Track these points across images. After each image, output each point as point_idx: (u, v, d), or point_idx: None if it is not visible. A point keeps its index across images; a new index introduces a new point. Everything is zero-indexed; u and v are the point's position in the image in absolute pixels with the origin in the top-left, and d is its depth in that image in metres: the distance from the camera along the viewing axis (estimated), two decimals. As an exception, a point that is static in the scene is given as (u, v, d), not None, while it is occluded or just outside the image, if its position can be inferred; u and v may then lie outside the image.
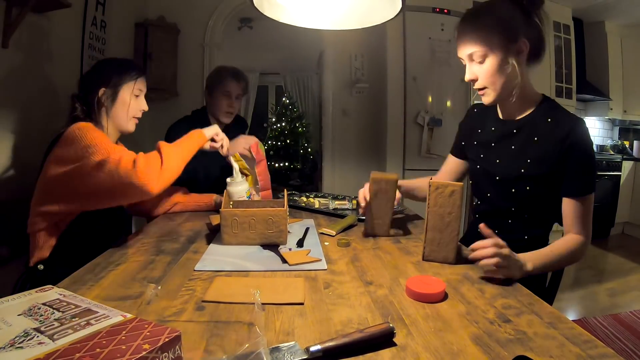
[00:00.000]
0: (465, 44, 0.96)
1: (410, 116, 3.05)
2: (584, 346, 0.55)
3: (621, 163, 3.81)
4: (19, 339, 0.42)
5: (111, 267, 0.83)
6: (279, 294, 0.70)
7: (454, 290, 0.74)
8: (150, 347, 0.41)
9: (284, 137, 5.68)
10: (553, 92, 3.67)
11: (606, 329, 1.99)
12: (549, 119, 0.97)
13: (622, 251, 3.46)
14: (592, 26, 4.02)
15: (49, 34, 1.76)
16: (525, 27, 0.92)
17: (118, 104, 1.10)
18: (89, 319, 0.47)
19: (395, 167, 3.11)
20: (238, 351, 0.49)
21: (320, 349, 0.50)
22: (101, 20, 2.19)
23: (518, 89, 0.97)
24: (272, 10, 0.94)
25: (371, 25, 0.98)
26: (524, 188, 0.99)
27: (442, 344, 0.55)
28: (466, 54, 0.97)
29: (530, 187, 0.98)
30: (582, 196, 0.94)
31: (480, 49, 0.93)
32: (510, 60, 0.93)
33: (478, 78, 0.97)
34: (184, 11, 2.95)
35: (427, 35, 3.00)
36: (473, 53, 0.95)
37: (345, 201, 1.48)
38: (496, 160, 1.05)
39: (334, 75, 3.38)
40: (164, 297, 0.68)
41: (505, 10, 0.92)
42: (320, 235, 1.09)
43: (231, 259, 0.89)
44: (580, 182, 0.94)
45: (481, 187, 1.11)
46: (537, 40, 0.95)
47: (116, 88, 1.09)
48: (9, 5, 1.44)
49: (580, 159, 0.93)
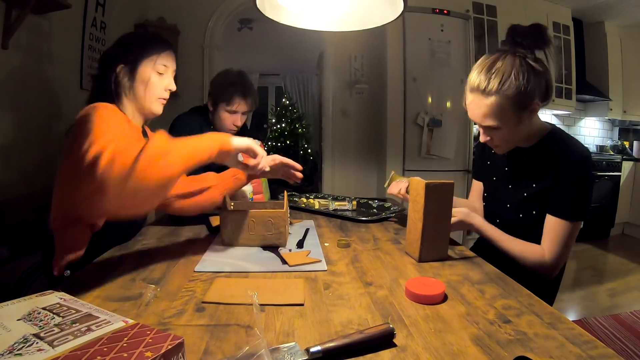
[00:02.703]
0: (477, 116, 0.96)
1: (410, 117, 3.05)
2: (584, 347, 0.55)
3: (621, 163, 3.81)
4: (18, 345, 0.41)
5: (111, 268, 0.83)
6: (279, 295, 0.70)
7: (454, 291, 0.74)
8: (152, 355, 0.40)
9: (283, 138, 5.68)
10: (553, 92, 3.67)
11: (606, 329, 1.99)
12: (555, 148, 0.97)
13: (622, 251, 3.46)
14: (591, 27, 4.02)
15: (49, 35, 1.76)
16: (535, 88, 0.91)
17: (138, 82, 0.97)
18: (90, 325, 0.46)
19: (395, 168, 3.08)
20: (238, 353, 0.49)
21: (320, 350, 0.50)
22: (101, 22, 2.20)
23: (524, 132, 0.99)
24: (273, 12, 0.95)
25: (372, 26, 0.98)
26: (531, 212, 1.01)
27: (442, 345, 0.55)
28: (480, 122, 0.97)
29: (536, 211, 1.00)
30: (563, 218, 0.93)
31: (494, 123, 0.94)
32: (524, 120, 0.94)
33: (494, 139, 1.00)
34: (184, 12, 2.95)
35: (427, 36, 3.00)
36: (488, 125, 0.95)
37: (345, 202, 1.48)
38: (506, 187, 1.08)
39: (334, 76, 3.38)
40: (164, 298, 0.68)
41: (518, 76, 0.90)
42: (320, 237, 1.09)
43: (231, 260, 0.89)
44: (566, 204, 0.94)
45: (492, 212, 1.14)
46: (547, 89, 0.95)
47: (135, 64, 0.96)
48: (9, 6, 1.44)
49: (574, 184, 0.93)
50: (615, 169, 3.79)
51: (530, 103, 0.92)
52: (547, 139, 1.00)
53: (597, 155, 3.99)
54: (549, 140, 0.99)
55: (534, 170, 1.00)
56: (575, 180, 0.93)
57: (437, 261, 0.91)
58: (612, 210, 3.82)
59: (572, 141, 0.98)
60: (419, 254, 0.90)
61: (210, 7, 3.04)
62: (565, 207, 0.93)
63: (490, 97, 0.91)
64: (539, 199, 0.99)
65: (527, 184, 1.02)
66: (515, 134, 0.98)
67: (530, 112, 0.94)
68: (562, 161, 0.94)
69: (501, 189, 1.11)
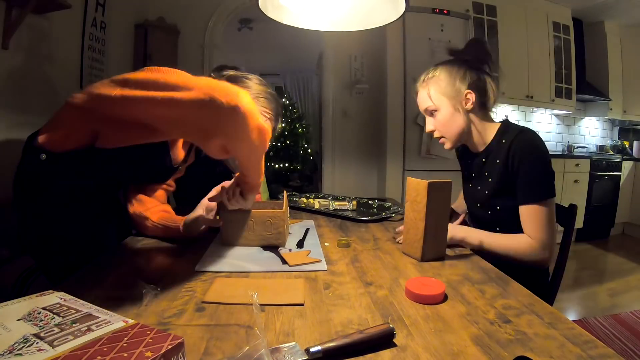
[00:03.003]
0: (420, 101, 1.13)
1: (410, 117, 3.05)
2: (584, 346, 0.54)
3: (621, 163, 3.81)
4: (18, 345, 0.41)
5: (111, 267, 0.83)
6: (279, 295, 0.70)
7: (454, 291, 0.74)
8: (152, 354, 0.40)
9: (283, 138, 5.68)
10: (553, 92, 3.67)
11: (606, 329, 1.99)
12: (504, 140, 1.04)
13: (622, 251, 3.46)
14: (591, 26, 4.03)
15: (49, 35, 1.76)
16: (469, 81, 1.06)
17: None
18: (90, 325, 0.46)
19: (395, 168, 3.11)
20: (238, 353, 0.49)
21: (321, 350, 0.50)
22: (101, 22, 2.20)
23: (475, 130, 1.10)
24: (275, 12, 0.95)
25: (374, 26, 0.98)
26: (495, 208, 1.06)
27: (443, 345, 0.55)
28: (422, 109, 1.14)
29: (500, 206, 1.05)
30: (533, 202, 0.96)
31: (431, 105, 1.09)
32: (459, 109, 1.07)
33: (436, 129, 1.13)
34: (184, 12, 2.95)
35: (427, 36, 3.01)
36: (426, 108, 1.11)
37: (345, 202, 1.48)
38: (475, 189, 1.15)
39: (334, 76, 3.38)
40: (164, 298, 0.68)
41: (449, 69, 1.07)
42: (320, 237, 1.09)
43: (231, 259, 0.89)
44: (530, 189, 0.97)
45: (469, 212, 1.23)
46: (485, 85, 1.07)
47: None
48: (9, 6, 1.44)
49: (531, 167, 0.97)
50: (615, 169, 3.79)
51: (460, 90, 1.05)
52: (497, 135, 1.07)
53: (597, 155, 4.00)
54: (499, 136, 1.06)
55: (491, 167, 1.07)
56: (530, 163, 0.97)
57: (437, 260, 0.92)
58: (612, 210, 3.83)
59: (520, 129, 1.03)
60: (421, 254, 0.90)
61: (210, 7, 3.04)
62: (531, 191, 0.97)
63: (427, 86, 1.10)
64: (499, 193, 1.04)
65: (486, 181, 1.09)
66: (452, 127, 1.09)
67: (465, 103, 1.06)
68: (512, 151, 0.99)
69: (471, 189, 1.18)
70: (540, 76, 3.59)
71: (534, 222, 0.96)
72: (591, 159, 3.66)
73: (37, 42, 1.69)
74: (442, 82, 1.07)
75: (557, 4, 3.65)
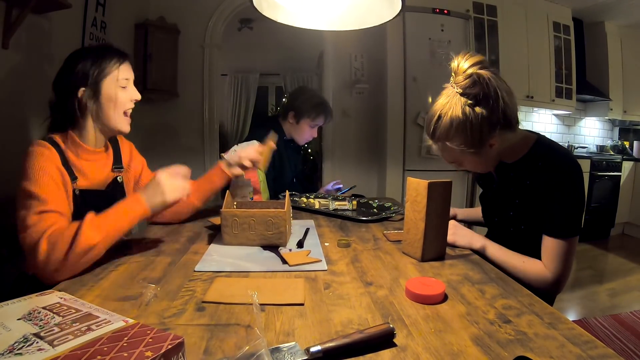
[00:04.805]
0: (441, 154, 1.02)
1: (410, 117, 3.05)
2: (584, 347, 0.55)
3: (621, 163, 3.81)
4: (18, 344, 0.41)
5: (111, 267, 0.83)
6: (279, 295, 0.70)
7: (454, 291, 0.74)
8: (152, 354, 0.40)
9: (284, 137, 5.67)
10: (553, 92, 3.67)
11: (606, 329, 1.99)
12: (540, 163, 0.94)
13: (622, 251, 3.46)
14: (592, 26, 4.02)
15: (49, 35, 1.76)
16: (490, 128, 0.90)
17: (103, 101, 0.95)
18: (90, 324, 0.46)
19: (395, 168, 3.11)
20: (238, 353, 0.49)
21: (321, 350, 0.50)
22: (101, 21, 2.20)
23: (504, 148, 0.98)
24: (271, 11, 0.94)
25: (370, 26, 0.98)
26: (519, 227, 1.01)
27: (443, 345, 0.55)
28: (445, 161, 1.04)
29: (525, 226, 1.00)
30: (557, 237, 0.91)
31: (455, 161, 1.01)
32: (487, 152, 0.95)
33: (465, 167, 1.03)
34: (184, 12, 2.95)
35: (427, 36, 3.00)
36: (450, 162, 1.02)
37: (345, 202, 1.48)
38: (495, 201, 1.09)
39: (334, 75, 3.38)
40: (164, 298, 0.68)
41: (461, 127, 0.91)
42: (321, 237, 1.09)
43: (231, 259, 0.89)
44: (558, 222, 0.91)
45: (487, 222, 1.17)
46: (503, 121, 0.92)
47: (97, 85, 0.93)
48: (9, 6, 1.44)
49: (563, 199, 0.90)
50: (615, 169, 3.79)
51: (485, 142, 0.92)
52: (532, 153, 0.97)
53: (597, 155, 3.99)
54: (534, 154, 0.96)
55: (520, 187, 0.98)
56: (563, 195, 0.90)
57: (437, 260, 0.92)
58: (612, 210, 3.82)
59: (558, 153, 0.95)
60: (421, 254, 0.90)
61: (210, 7, 3.03)
62: (558, 225, 0.91)
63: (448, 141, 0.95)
64: (525, 216, 0.98)
65: (512, 201, 1.01)
66: (484, 161, 1.00)
67: (490, 147, 0.94)
68: (548, 177, 0.92)
69: (491, 202, 1.12)
70: (540, 76, 3.59)
71: (554, 255, 0.91)
72: (591, 159, 3.65)
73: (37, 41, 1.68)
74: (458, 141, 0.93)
75: (558, 4, 3.65)
